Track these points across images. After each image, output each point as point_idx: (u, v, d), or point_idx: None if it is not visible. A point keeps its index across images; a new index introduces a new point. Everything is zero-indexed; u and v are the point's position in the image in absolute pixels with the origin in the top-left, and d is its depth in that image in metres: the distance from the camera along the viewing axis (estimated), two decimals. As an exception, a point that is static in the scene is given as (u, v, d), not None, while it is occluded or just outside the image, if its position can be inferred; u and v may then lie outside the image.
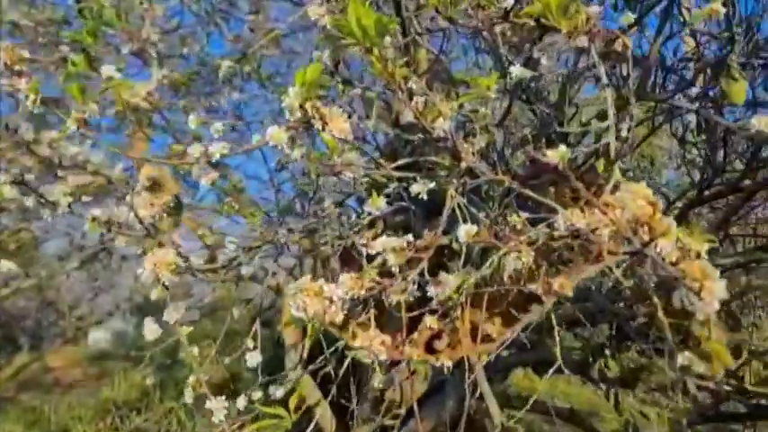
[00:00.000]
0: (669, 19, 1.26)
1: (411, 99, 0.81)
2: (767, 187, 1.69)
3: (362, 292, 0.65)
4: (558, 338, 1.35)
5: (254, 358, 1.32)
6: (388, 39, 1.06)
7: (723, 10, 0.88)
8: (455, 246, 1.29)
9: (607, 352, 1.99)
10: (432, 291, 0.73)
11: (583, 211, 0.74)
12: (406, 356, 0.59)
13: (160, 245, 1.04)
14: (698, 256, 0.54)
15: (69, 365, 6.84)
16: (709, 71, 1.46)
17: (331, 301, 0.63)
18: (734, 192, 2.02)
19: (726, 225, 1.91)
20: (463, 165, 0.86)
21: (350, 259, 2.12)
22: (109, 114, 1.80)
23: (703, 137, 2.04)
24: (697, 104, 1.25)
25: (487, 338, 0.83)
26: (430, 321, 0.90)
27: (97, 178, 2.55)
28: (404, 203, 1.34)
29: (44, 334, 7.77)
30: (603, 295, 2.06)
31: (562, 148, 0.53)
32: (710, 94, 1.56)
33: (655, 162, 3.98)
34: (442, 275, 0.73)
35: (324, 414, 2.65)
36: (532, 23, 0.82)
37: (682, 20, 1.42)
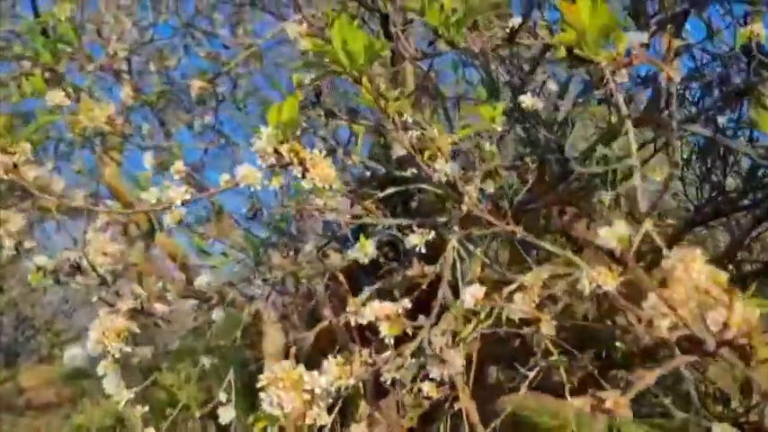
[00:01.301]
0: (678, 37, 1.16)
1: (405, 131, 0.70)
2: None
3: (352, 380, 0.54)
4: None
5: (226, 414, 1.18)
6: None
7: (765, 32, 0.78)
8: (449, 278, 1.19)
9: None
10: (434, 372, 0.61)
11: (611, 270, 0.62)
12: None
13: (117, 294, 0.91)
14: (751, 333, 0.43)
15: (43, 385, 6.60)
16: (718, 92, 1.37)
17: (313, 394, 0.51)
18: (734, 211, 1.94)
19: (735, 251, 1.82)
20: (464, 207, 0.75)
21: (337, 286, 1.97)
22: (66, 138, 1.64)
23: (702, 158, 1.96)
24: (712, 131, 1.15)
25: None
26: (428, 389, 0.78)
27: (62, 201, 2.39)
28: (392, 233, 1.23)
29: (20, 350, 7.54)
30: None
31: (620, 228, 0.42)
32: (710, 113, 1.47)
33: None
34: (448, 353, 0.62)
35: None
36: (534, 45, 0.72)
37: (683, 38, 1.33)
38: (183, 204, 0.71)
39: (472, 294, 0.62)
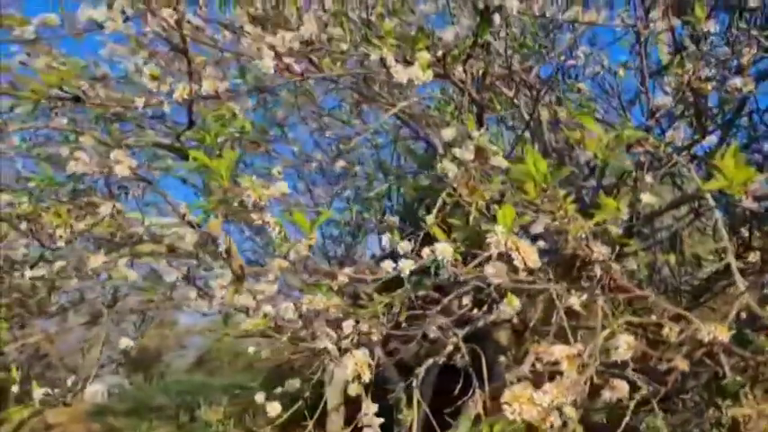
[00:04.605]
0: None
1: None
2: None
3: (564, 399, 0.78)
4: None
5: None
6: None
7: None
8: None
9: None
10: (606, 395, 0.86)
11: (722, 326, 0.89)
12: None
13: (313, 336, 1.17)
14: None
15: (70, 422, 6.69)
16: None
17: (543, 407, 0.76)
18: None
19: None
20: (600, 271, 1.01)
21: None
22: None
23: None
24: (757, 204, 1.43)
25: None
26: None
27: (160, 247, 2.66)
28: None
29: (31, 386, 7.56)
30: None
31: None
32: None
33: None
34: (617, 382, 0.87)
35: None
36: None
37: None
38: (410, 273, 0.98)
39: (625, 341, 0.88)
